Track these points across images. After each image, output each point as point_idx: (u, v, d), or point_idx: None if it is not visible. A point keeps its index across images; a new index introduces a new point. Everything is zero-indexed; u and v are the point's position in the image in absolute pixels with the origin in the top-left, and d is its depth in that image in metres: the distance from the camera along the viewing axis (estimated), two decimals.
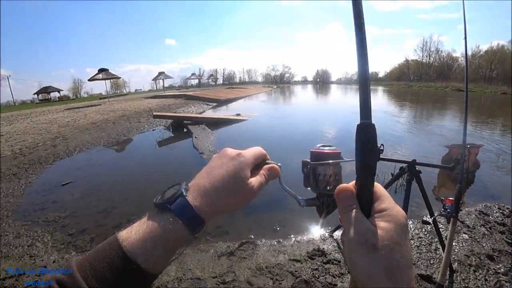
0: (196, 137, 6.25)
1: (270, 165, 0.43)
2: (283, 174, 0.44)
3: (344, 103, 17.04)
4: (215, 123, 8.24)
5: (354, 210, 0.32)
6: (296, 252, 2.09)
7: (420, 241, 2.17)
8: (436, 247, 2.07)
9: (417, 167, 1.51)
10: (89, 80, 18.66)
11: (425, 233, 2.28)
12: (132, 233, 0.32)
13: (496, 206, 2.60)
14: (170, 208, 0.34)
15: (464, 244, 2.09)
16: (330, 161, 0.40)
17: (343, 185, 0.34)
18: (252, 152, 0.42)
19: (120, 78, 23.90)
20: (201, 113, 12.52)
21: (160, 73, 27.75)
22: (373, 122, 0.31)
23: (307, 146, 0.45)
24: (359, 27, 0.32)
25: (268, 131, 7.44)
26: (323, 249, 2.08)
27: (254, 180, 0.40)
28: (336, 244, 2.16)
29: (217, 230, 2.46)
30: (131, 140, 6.87)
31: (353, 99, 19.69)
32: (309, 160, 0.41)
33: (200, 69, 69.62)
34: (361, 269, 0.28)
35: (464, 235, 2.18)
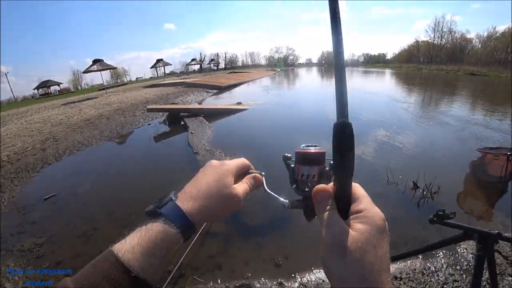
0: (192, 132, 5.84)
1: (253, 174, 0.46)
2: (271, 181, 0.47)
3: (351, 87, 16.31)
4: (214, 114, 7.80)
5: (330, 212, 0.32)
6: None
7: None
8: None
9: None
10: (84, 72, 18.14)
11: None
12: (127, 243, 0.33)
13: None
14: (161, 212, 0.35)
15: None
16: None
17: (321, 185, 0.35)
18: (235, 162, 0.45)
19: (115, 68, 23.23)
20: (201, 101, 12.08)
21: (159, 60, 26.91)
22: (349, 121, 0.30)
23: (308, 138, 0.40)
24: (334, 13, 0.31)
25: (268, 122, 7.00)
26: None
27: (238, 186, 0.42)
28: None
29: (209, 263, 2.11)
30: (124, 138, 6.53)
31: (359, 82, 18.97)
32: (290, 155, 0.41)
33: (201, 53, 67.80)
34: (334, 272, 0.28)
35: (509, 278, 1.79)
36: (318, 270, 1.98)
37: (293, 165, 0.41)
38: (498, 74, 24.61)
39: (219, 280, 1.96)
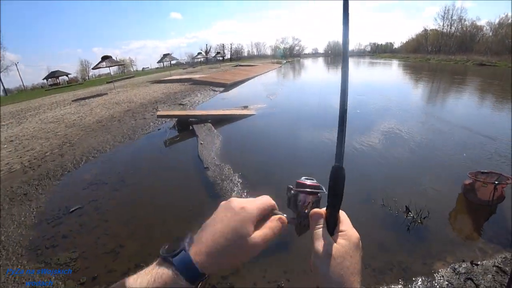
0: (201, 143, 6.15)
1: (278, 216, 0.46)
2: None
3: (361, 83, 16.30)
4: (222, 120, 8.10)
5: (321, 229, 0.43)
6: None
7: None
8: None
9: None
10: (93, 68, 18.43)
11: None
12: (138, 281, 0.36)
13: None
14: (173, 263, 0.37)
15: None
16: (308, 189, 0.50)
17: (316, 209, 0.46)
18: (258, 204, 0.44)
19: (123, 64, 23.51)
20: (208, 100, 12.41)
21: (165, 55, 27.13)
22: (343, 166, 0.43)
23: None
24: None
25: (276, 130, 7.25)
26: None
27: (258, 235, 0.41)
28: None
29: (222, 282, 2.46)
30: (136, 144, 6.85)
31: (371, 75, 18.91)
32: (291, 186, 0.51)
33: (206, 45, 67.72)
34: (321, 271, 0.39)
35: None
36: None
37: (292, 192, 0.50)
38: (508, 64, 23.37)
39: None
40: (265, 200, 0.46)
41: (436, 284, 2.30)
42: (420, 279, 2.36)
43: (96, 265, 2.79)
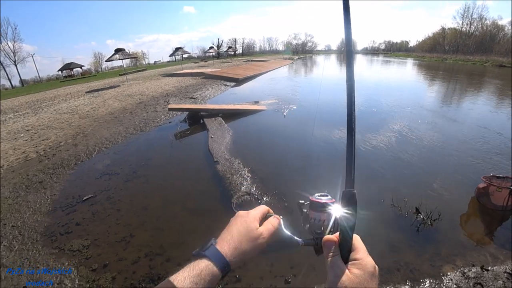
0: (211, 137, 6.20)
1: (272, 216, 0.59)
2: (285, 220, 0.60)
3: (376, 82, 16.02)
4: (232, 114, 8.13)
5: (335, 257, 0.43)
6: None
7: None
8: None
9: None
10: (106, 61, 18.70)
11: None
12: (180, 275, 0.45)
13: None
14: (206, 255, 0.47)
15: None
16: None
17: (328, 236, 0.46)
18: (257, 210, 0.58)
19: (136, 57, 23.77)
20: (219, 95, 12.47)
21: (178, 49, 27.20)
22: (354, 190, 0.44)
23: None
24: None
25: (286, 126, 7.22)
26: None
27: (262, 228, 0.54)
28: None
29: (230, 275, 2.49)
30: (147, 136, 6.95)
31: (389, 74, 18.47)
32: (303, 202, 0.52)
33: (218, 39, 67.64)
34: None
35: None
36: None
37: (305, 210, 0.50)
38: None
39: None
40: (262, 207, 0.60)
41: (444, 287, 2.28)
42: (428, 281, 2.34)
43: (107, 253, 2.88)
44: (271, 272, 2.53)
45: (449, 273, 2.38)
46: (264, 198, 3.69)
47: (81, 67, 40.51)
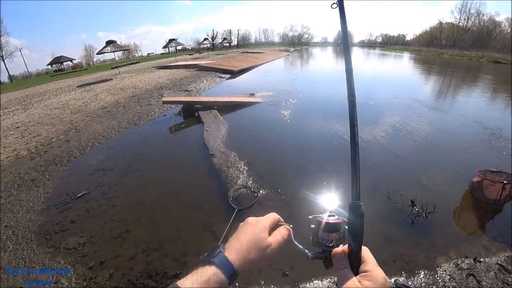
0: (207, 130, 6.15)
1: (283, 226, 0.57)
2: (296, 231, 0.57)
3: (371, 75, 16.01)
4: (227, 107, 8.06)
5: (345, 269, 0.43)
6: None
7: None
8: None
9: None
10: (97, 53, 18.26)
11: None
12: (188, 281, 0.44)
13: None
14: (214, 262, 0.46)
15: None
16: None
17: (337, 248, 0.46)
18: (268, 219, 0.55)
19: (128, 49, 23.25)
20: (214, 87, 12.36)
21: (171, 40, 26.56)
22: (361, 202, 0.44)
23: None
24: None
25: (282, 119, 7.18)
26: None
27: (271, 239, 0.52)
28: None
29: None
30: (142, 130, 6.86)
31: (384, 68, 18.40)
32: (310, 217, 0.52)
33: (213, 30, 66.53)
34: None
35: None
36: (317, 281, 2.35)
37: (313, 225, 0.50)
38: None
39: (237, 285, 2.35)
40: (273, 216, 0.57)
41: (438, 278, 2.31)
42: (422, 272, 2.37)
43: (103, 250, 2.86)
44: (269, 265, 2.54)
45: (443, 265, 2.43)
46: (261, 191, 3.69)
47: (71, 61, 39.53)
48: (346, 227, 0.47)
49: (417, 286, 2.15)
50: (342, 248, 0.46)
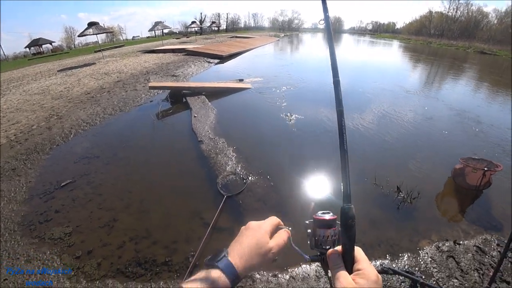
0: (195, 116, 6.05)
1: (283, 229, 0.58)
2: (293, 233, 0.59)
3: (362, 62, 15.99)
4: (216, 93, 7.92)
5: (340, 268, 0.45)
6: None
7: None
8: None
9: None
10: (79, 35, 17.36)
11: None
12: (191, 283, 0.45)
13: (496, 242, 2.58)
14: (218, 266, 0.47)
15: None
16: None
17: (332, 249, 0.48)
18: (269, 223, 0.57)
19: (112, 32, 22.20)
20: (202, 72, 12.08)
21: (157, 23, 25.38)
22: (351, 205, 0.46)
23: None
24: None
25: (271, 104, 7.12)
26: None
27: (273, 243, 0.54)
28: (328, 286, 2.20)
29: None
30: (128, 116, 6.66)
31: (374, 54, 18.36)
32: (307, 222, 0.53)
33: (201, 13, 64.22)
34: None
35: (454, 280, 2.21)
36: (305, 266, 2.41)
37: (310, 230, 0.52)
38: (509, 54, 23.07)
39: None
40: (273, 219, 0.59)
41: (420, 260, 2.41)
42: (406, 255, 2.47)
43: (91, 239, 2.81)
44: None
45: (425, 248, 2.53)
46: (250, 178, 3.70)
47: (51, 43, 37.43)
48: (339, 222, 0.49)
49: (401, 269, 2.23)
50: (337, 249, 0.48)
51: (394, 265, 2.35)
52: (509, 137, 4.98)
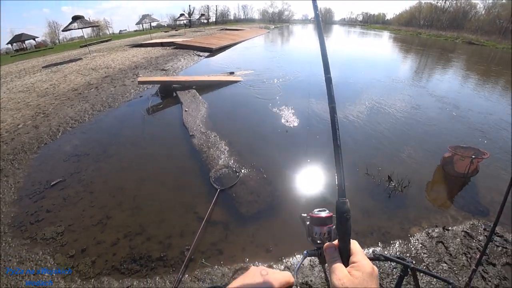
0: (186, 110, 5.98)
1: None
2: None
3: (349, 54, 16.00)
4: (206, 87, 7.83)
5: (336, 261, 0.46)
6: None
7: None
8: None
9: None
10: (63, 30, 16.78)
11: None
12: None
13: (483, 227, 2.66)
14: None
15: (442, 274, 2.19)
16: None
17: (329, 243, 0.49)
18: (279, 277, 0.50)
19: (98, 25, 21.53)
20: (192, 66, 11.91)
21: (145, 16, 24.65)
22: (346, 199, 0.47)
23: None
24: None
25: (262, 97, 7.09)
26: (311, 281, 2.18)
27: None
28: (323, 275, 2.25)
29: (212, 249, 2.53)
30: (117, 112, 6.54)
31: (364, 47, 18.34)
32: (305, 215, 0.54)
33: (190, 6, 62.83)
34: None
35: (444, 264, 2.28)
36: (299, 256, 2.45)
37: (308, 222, 0.53)
38: (496, 44, 23.81)
39: (222, 263, 2.40)
40: (287, 277, 0.51)
41: (411, 246, 2.48)
42: (397, 242, 2.53)
43: (84, 237, 2.79)
44: (252, 242, 2.60)
45: (416, 234, 2.60)
46: (242, 171, 3.70)
47: (34, 39, 36.16)
48: (335, 216, 0.50)
49: (392, 255, 2.28)
50: (333, 242, 0.49)
51: (386, 252, 2.41)
52: (489, 122, 5.13)
